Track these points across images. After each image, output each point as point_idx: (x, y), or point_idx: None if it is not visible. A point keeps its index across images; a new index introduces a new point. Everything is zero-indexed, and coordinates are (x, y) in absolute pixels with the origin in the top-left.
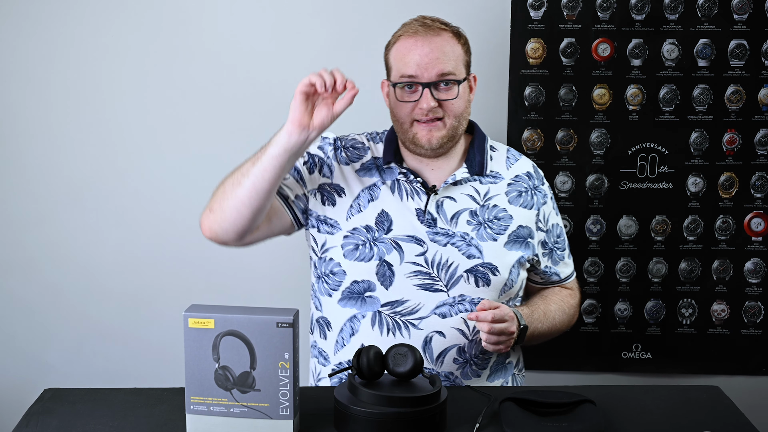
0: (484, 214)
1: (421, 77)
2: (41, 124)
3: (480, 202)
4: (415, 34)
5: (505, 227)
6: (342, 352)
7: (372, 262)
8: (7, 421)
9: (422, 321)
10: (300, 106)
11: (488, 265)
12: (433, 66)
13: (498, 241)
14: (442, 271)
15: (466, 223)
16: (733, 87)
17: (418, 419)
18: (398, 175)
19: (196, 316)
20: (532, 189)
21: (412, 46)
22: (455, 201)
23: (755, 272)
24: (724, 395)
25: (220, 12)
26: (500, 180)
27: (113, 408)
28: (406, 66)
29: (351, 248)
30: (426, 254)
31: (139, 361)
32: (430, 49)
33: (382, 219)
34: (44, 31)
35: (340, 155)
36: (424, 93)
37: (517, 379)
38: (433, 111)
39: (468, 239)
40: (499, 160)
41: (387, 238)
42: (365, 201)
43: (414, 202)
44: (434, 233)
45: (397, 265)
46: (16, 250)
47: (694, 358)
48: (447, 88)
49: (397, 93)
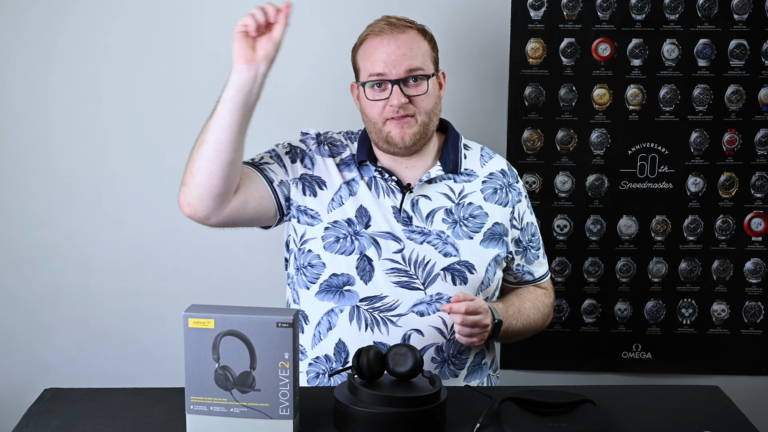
0: (459, 212)
1: (390, 74)
2: (40, 124)
3: (455, 200)
4: (381, 32)
5: (480, 225)
6: (319, 347)
7: (353, 255)
8: (7, 421)
9: (400, 318)
10: (240, 44)
11: (465, 263)
12: (400, 62)
13: (474, 239)
14: (420, 269)
15: (442, 221)
16: (733, 87)
17: (418, 419)
18: (374, 173)
19: (196, 316)
20: (506, 186)
21: (378, 45)
22: (430, 199)
23: (755, 272)
24: (724, 395)
25: (220, 13)
26: (475, 178)
27: (113, 408)
28: (373, 65)
29: (332, 240)
30: (403, 252)
31: (139, 361)
32: (397, 46)
33: (361, 214)
34: (43, 31)
35: (323, 148)
36: (394, 89)
37: (492, 379)
38: (404, 108)
39: (444, 237)
40: (473, 159)
41: (366, 233)
42: (345, 195)
43: (390, 200)
44: (410, 231)
45: (376, 261)
46: (16, 250)
47: (694, 358)
48: (416, 84)
49: (367, 92)
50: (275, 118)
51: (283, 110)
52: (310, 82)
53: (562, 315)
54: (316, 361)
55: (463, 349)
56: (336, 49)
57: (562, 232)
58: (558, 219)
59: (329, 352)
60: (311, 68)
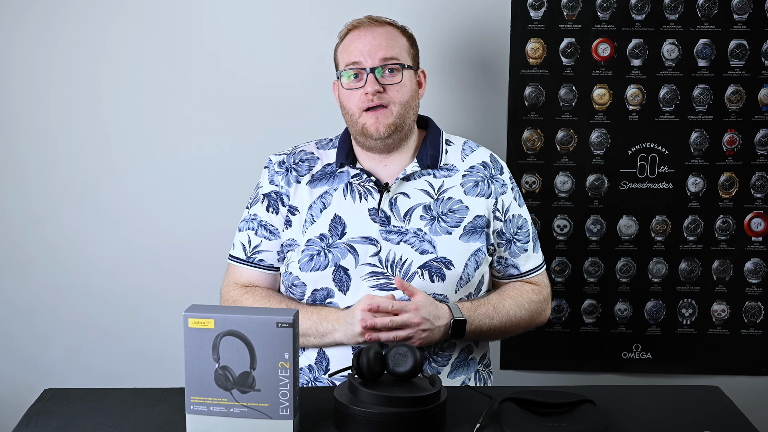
0: (438, 207)
1: (365, 63)
2: (40, 125)
3: (434, 195)
4: (359, 26)
5: (460, 219)
6: (303, 357)
7: (328, 269)
8: (7, 421)
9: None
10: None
11: (442, 260)
12: (375, 52)
13: (453, 234)
14: (396, 268)
15: (419, 218)
16: (733, 87)
17: (418, 419)
18: (351, 178)
19: (196, 316)
20: (488, 178)
21: (356, 37)
22: (408, 197)
23: (755, 272)
24: (724, 395)
25: (220, 13)
26: (455, 172)
27: (113, 408)
28: (350, 55)
29: (306, 260)
30: (380, 254)
31: (139, 361)
32: (373, 36)
33: (335, 224)
34: (43, 31)
35: (290, 176)
36: (369, 77)
37: (483, 375)
38: (378, 97)
39: (421, 235)
40: (454, 153)
41: (341, 242)
42: (318, 211)
43: (368, 203)
44: (387, 232)
45: (352, 269)
46: (16, 251)
47: (694, 358)
48: (391, 75)
49: (343, 82)
50: (275, 118)
51: (284, 110)
52: (310, 82)
53: (562, 315)
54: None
55: (445, 345)
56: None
57: (562, 232)
58: (558, 219)
59: (312, 362)
60: (311, 68)
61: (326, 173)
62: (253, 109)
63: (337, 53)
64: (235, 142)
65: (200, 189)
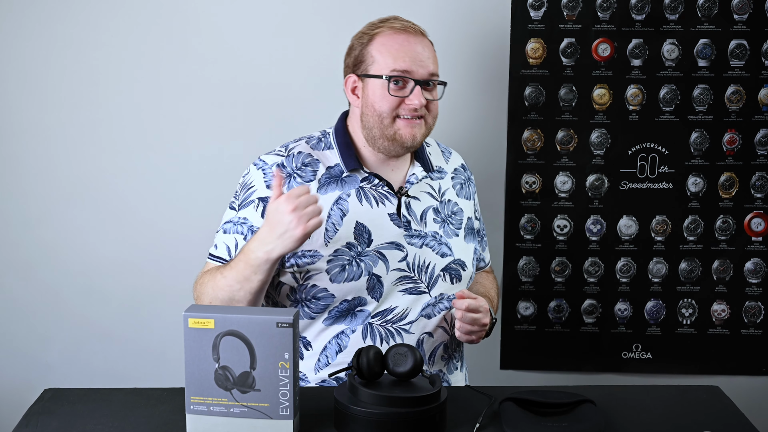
0: (444, 210)
1: (416, 74)
2: (40, 125)
3: (438, 198)
4: (403, 30)
5: (460, 221)
6: (323, 372)
7: (362, 278)
8: (7, 421)
9: (412, 325)
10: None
11: (459, 261)
12: (425, 64)
13: (459, 236)
14: (422, 272)
15: (433, 221)
16: (733, 87)
17: (418, 419)
18: (360, 183)
19: (196, 316)
20: (467, 180)
21: (404, 42)
22: (419, 200)
23: (755, 272)
24: (724, 395)
25: (220, 13)
26: (445, 174)
27: (113, 408)
28: (399, 60)
29: (337, 271)
30: (407, 258)
31: (139, 361)
32: (422, 47)
33: (360, 232)
34: (42, 31)
35: (295, 183)
36: (416, 89)
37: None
38: (420, 109)
39: (438, 238)
40: (437, 155)
41: (370, 250)
42: (338, 218)
43: (386, 207)
44: (410, 236)
45: (384, 275)
46: (15, 251)
47: (694, 358)
48: (432, 89)
49: (389, 87)
50: (275, 119)
51: (284, 110)
52: (310, 82)
53: (562, 315)
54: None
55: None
56: (336, 50)
57: (562, 232)
58: (558, 219)
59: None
60: (311, 68)
61: (332, 177)
62: (252, 109)
63: (372, 49)
64: (235, 142)
65: (200, 189)
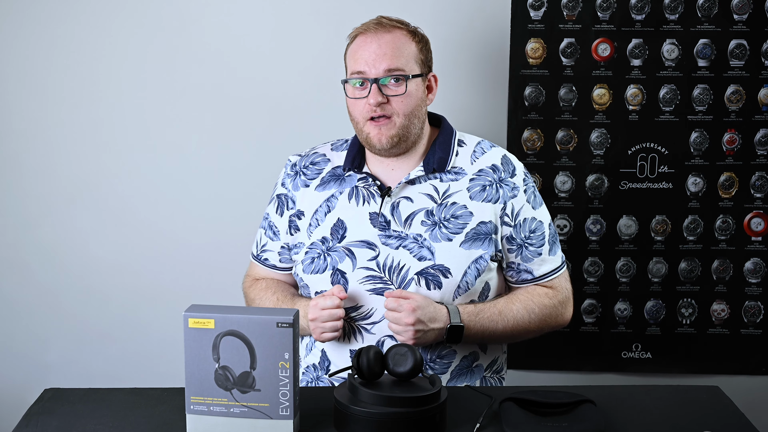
0: (441, 212)
1: (369, 73)
2: (39, 125)
3: (438, 200)
4: (366, 31)
5: (463, 225)
6: (310, 356)
7: (326, 272)
8: (7, 421)
9: (375, 326)
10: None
11: (439, 267)
12: (380, 61)
13: (453, 240)
14: (394, 274)
15: (420, 223)
16: (733, 87)
17: (418, 419)
18: (357, 182)
19: (196, 316)
20: (497, 182)
21: (362, 43)
22: (412, 201)
23: (755, 272)
24: (724, 395)
25: (220, 13)
26: (462, 176)
27: (113, 408)
28: (356, 63)
29: (308, 262)
30: (378, 258)
31: (139, 361)
32: (379, 45)
33: (337, 228)
34: (42, 31)
35: (299, 180)
36: (372, 88)
37: (491, 382)
38: (381, 107)
39: (420, 241)
40: (464, 156)
41: (340, 246)
42: (323, 214)
43: (369, 206)
44: (386, 236)
45: (350, 272)
46: (15, 251)
47: (694, 358)
48: (396, 85)
49: (347, 90)
50: (276, 119)
51: (284, 111)
52: (310, 82)
53: None
54: (306, 370)
55: (444, 353)
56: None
57: (562, 232)
58: (558, 219)
59: (316, 362)
60: (313, 69)
61: (335, 175)
62: (252, 109)
63: (346, 56)
64: (235, 143)
65: (199, 189)
